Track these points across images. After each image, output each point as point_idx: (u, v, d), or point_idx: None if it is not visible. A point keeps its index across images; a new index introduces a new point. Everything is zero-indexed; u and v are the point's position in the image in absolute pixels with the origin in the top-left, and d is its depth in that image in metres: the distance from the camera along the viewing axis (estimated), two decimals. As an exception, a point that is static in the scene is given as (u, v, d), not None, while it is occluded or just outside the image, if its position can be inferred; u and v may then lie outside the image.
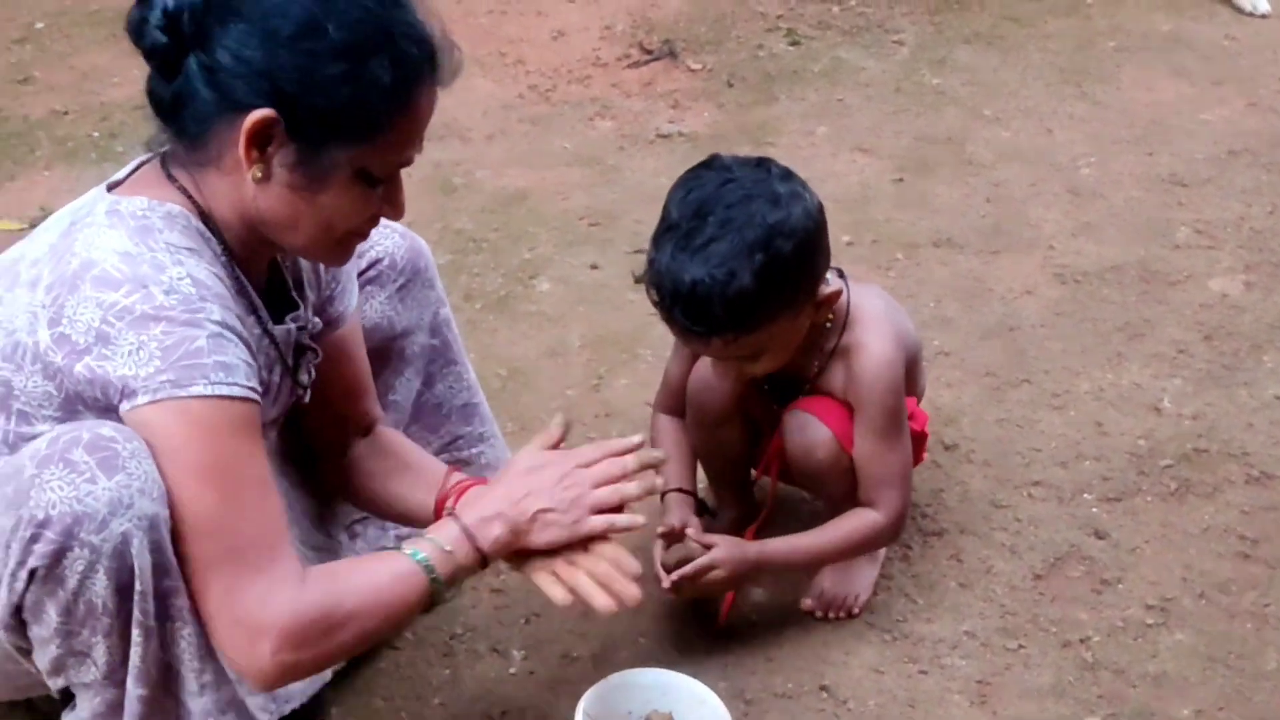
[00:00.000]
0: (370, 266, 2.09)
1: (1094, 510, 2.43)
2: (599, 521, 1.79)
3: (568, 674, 2.12)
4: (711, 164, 2.03)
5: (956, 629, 2.20)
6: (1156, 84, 3.95)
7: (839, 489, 2.17)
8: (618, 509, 1.80)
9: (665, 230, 1.98)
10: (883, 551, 2.30)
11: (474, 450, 2.27)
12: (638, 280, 2.03)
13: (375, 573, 1.73)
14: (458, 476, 2.00)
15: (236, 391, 1.61)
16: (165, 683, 1.67)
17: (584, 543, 1.80)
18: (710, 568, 2.07)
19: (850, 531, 2.15)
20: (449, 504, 1.91)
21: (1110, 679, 2.11)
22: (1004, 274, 3.10)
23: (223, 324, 1.62)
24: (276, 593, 1.62)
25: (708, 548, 2.08)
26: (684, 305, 1.95)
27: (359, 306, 2.03)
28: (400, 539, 2.20)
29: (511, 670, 2.14)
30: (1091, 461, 2.54)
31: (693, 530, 2.12)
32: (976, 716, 2.06)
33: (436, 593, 1.74)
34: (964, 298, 3.02)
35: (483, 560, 1.76)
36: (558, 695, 2.08)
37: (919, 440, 2.26)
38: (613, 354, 2.85)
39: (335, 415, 2.03)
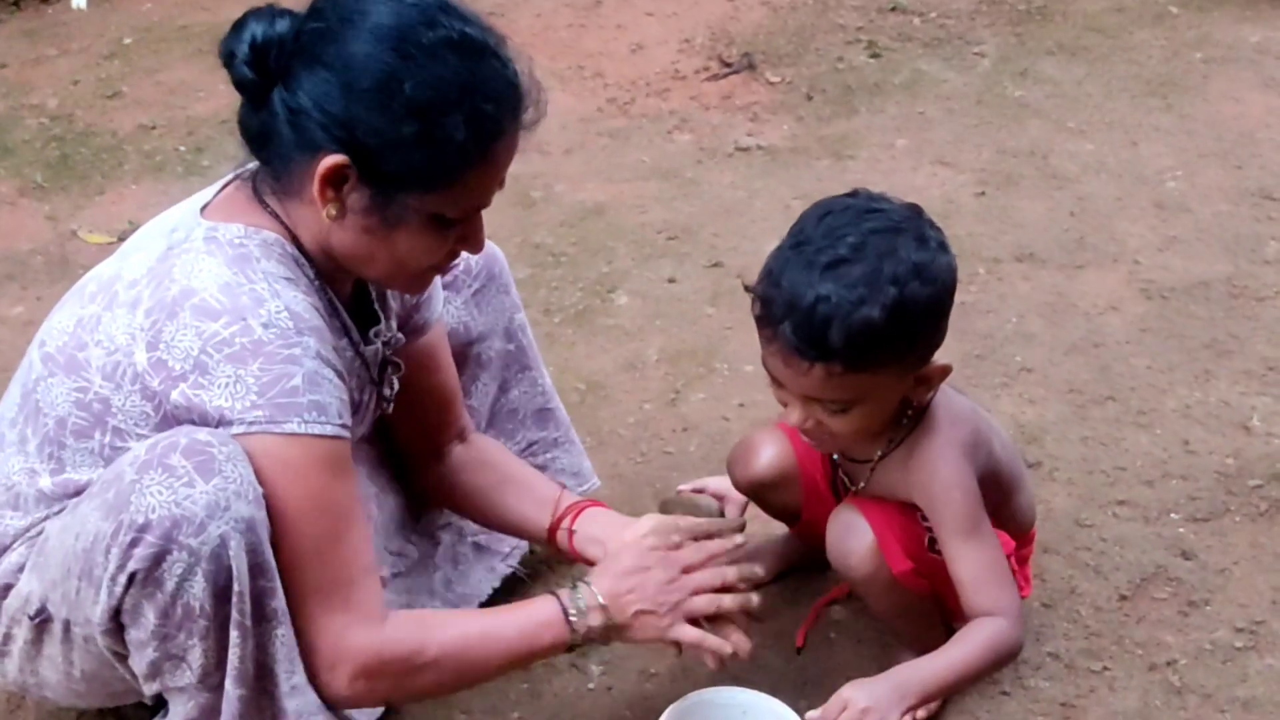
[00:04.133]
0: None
1: (1181, 530, 2.39)
2: (691, 634, 1.86)
3: (646, 691, 2.11)
4: (855, 193, 1.89)
5: (1040, 650, 2.16)
6: (1245, 96, 3.88)
7: (878, 605, 2.03)
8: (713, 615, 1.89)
9: (794, 245, 1.83)
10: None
11: (549, 455, 2.29)
12: (748, 289, 1.88)
13: (467, 629, 1.80)
14: (570, 497, 2.06)
15: (329, 430, 1.66)
16: (261, 683, 1.70)
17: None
18: (844, 708, 1.88)
19: (986, 642, 1.92)
20: (565, 523, 2.00)
21: (1198, 703, 2.07)
22: (1088, 289, 3.06)
23: (319, 358, 1.66)
24: (355, 629, 1.70)
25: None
26: (798, 321, 1.77)
27: None
28: (478, 548, 2.22)
29: (590, 686, 2.14)
30: (1178, 480, 2.50)
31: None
32: (1060, 740, 2.04)
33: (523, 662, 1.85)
34: (1047, 313, 2.99)
35: (571, 645, 1.83)
36: (635, 712, 2.07)
37: None
38: (690, 368, 2.84)
39: (427, 423, 2.07)
